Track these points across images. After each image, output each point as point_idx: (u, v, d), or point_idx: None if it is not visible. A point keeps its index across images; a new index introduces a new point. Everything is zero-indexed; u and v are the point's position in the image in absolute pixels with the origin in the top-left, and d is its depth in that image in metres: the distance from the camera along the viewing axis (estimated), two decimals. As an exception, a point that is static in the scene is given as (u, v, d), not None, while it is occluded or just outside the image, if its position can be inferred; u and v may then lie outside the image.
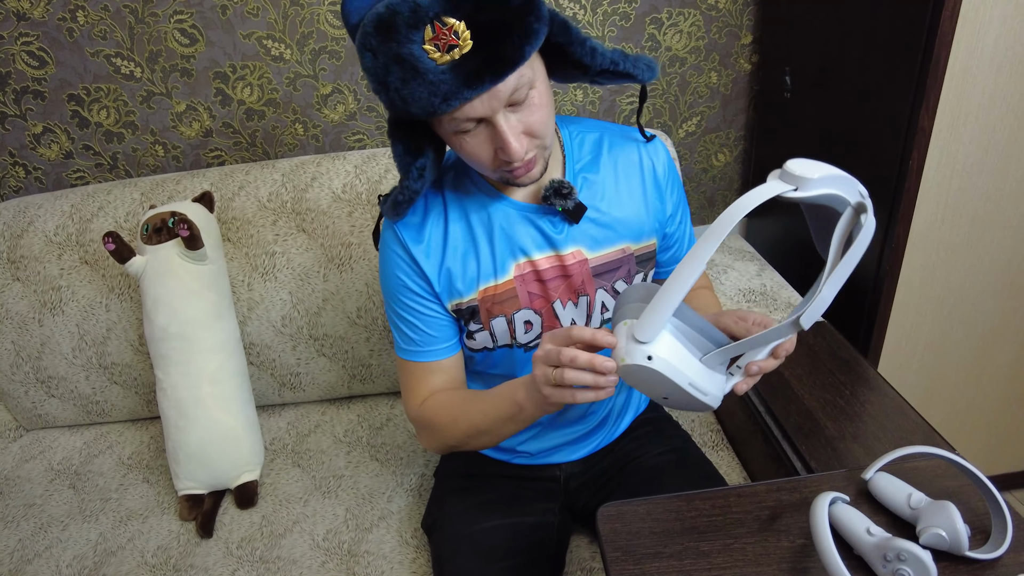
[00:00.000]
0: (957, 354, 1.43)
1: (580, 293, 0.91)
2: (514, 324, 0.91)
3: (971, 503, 0.78)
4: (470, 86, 0.67)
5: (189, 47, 1.49)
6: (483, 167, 0.78)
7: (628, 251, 0.92)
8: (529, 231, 0.88)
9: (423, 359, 0.92)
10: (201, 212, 1.28)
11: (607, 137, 0.93)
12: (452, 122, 0.71)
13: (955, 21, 1.04)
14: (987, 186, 1.22)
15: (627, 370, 0.65)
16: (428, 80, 0.66)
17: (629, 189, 0.91)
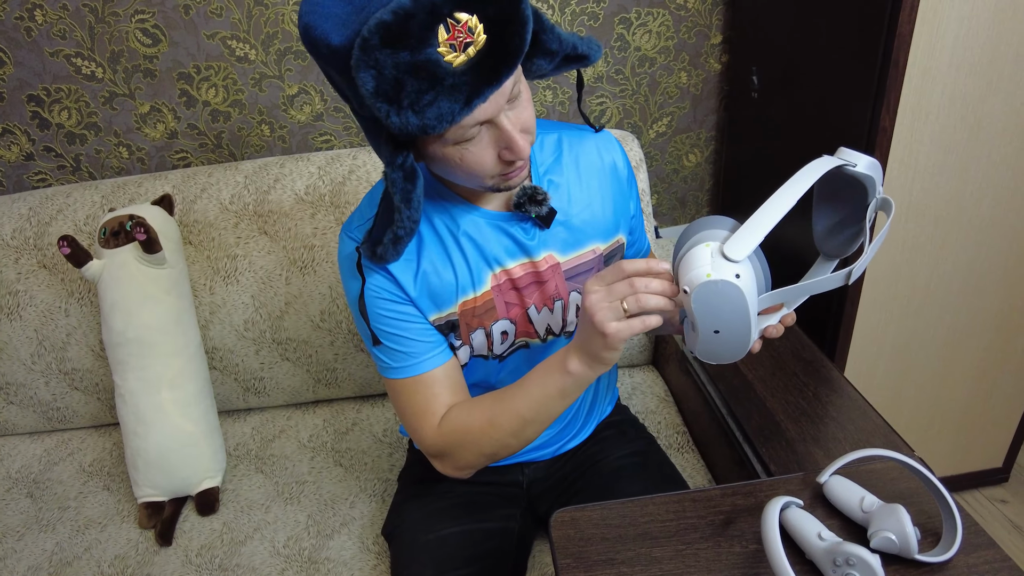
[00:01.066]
0: (924, 354, 1.43)
1: (555, 298, 0.90)
2: (492, 336, 0.89)
3: (924, 505, 0.78)
4: (489, 83, 0.64)
5: (152, 47, 1.46)
6: (482, 175, 0.74)
7: (598, 251, 0.91)
8: (502, 240, 0.86)
9: (421, 370, 0.85)
10: (161, 215, 1.26)
11: (564, 137, 0.92)
12: (459, 131, 0.67)
13: (913, 22, 1.05)
14: (949, 187, 1.22)
15: (706, 288, 0.64)
16: (447, 86, 0.62)
17: (592, 188, 0.91)
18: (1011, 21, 1.08)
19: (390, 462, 1.27)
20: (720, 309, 0.65)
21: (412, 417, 0.87)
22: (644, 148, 1.73)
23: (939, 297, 1.36)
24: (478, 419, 0.82)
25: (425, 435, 0.86)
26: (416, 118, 0.63)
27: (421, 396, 0.85)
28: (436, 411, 0.85)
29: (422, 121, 0.63)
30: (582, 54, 0.79)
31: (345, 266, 0.86)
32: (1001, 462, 1.66)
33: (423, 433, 0.86)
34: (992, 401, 1.54)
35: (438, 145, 0.70)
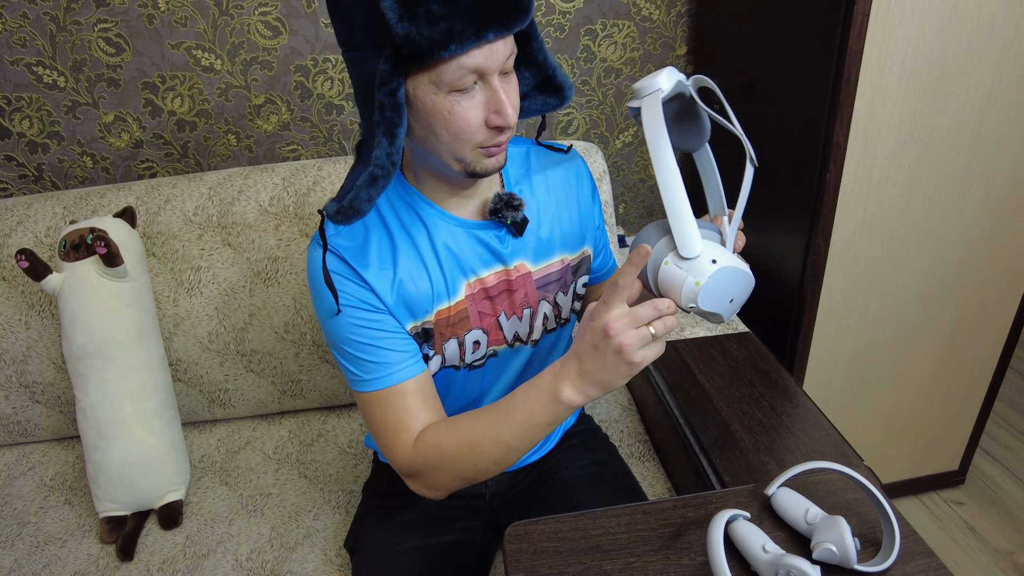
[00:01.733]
0: (881, 362, 1.46)
1: (524, 306, 0.91)
2: (464, 346, 0.89)
3: (867, 515, 0.80)
4: (500, 19, 0.66)
5: (115, 56, 1.45)
6: (467, 139, 0.73)
7: (566, 261, 0.93)
8: (476, 248, 0.86)
9: (394, 381, 0.82)
10: (123, 228, 1.25)
11: (532, 151, 0.94)
12: (457, 72, 0.67)
13: (863, 40, 1.07)
14: (902, 200, 1.25)
15: (705, 292, 0.67)
16: (463, 4, 0.64)
17: (560, 200, 0.93)
18: (956, 41, 1.11)
19: (355, 473, 1.27)
20: (725, 290, 0.69)
21: (385, 432, 0.83)
22: (611, 158, 1.74)
23: (894, 307, 1.39)
24: (457, 442, 0.79)
25: (399, 452, 0.83)
26: (427, 29, 0.64)
27: (394, 410, 0.82)
28: (411, 427, 0.82)
29: (432, 34, 0.64)
30: (559, 82, 0.82)
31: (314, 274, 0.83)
32: (957, 465, 1.71)
33: (397, 450, 0.83)
34: (947, 406, 1.57)
35: (431, 90, 0.69)
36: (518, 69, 0.82)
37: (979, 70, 1.14)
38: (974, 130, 1.20)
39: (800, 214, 1.27)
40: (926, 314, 1.41)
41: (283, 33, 1.47)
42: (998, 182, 1.27)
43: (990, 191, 1.28)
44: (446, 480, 0.82)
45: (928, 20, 1.08)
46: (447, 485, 0.83)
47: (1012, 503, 1.70)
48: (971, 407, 1.59)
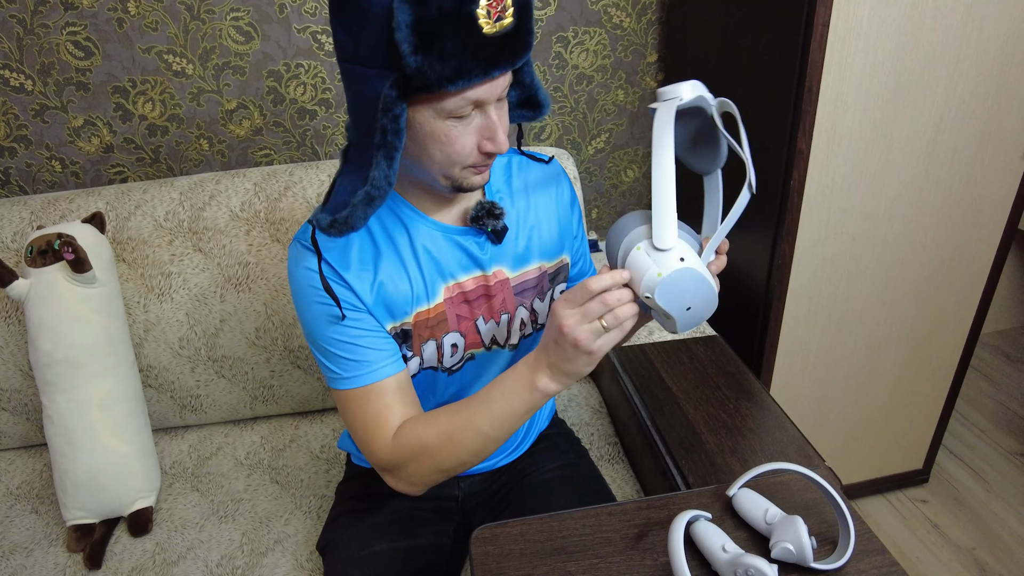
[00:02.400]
0: (846, 364, 1.50)
1: (502, 311, 0.92)
2: (443, 348, 0.91)
3: (825, 515, 0.82)
4: (507, 58, 0.69)
5: (84, 60, 1.44)
6: (459, 161, 0.76)
7: (543, 269, 0.95)
8: (456, 253, 0.88)
9: (373, 379, 0.83)
10: (91, 233, 1.24)
11: (513, 160, 0.96)
12: (460, 102, 0.70)
13: (823, 50, 1.10)
14: (864, 205, 1.29)
15: (664, 284, 0.68)
16: (474, 44, 0.66)
17: (539, 208, 0.94)
18: (912, 54, 1.15)
19: (327, 478, 1.28)
20: (684, 292, 0.69)
21: (363, 429, 0.85)
22: (584, 164, 1.76)
23: (858, 310, 1.42)
24: (436, 434, 0.81)
25: (377, 448, 0.84)
26: (439, 65, 0.66)
27: (373, 407, 0.84)
28: (390, 423, 0.84)
29: (443, 70, 0.66)
30: (540, 100, 0.85)
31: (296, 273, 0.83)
32: (921, 464, 1.75)
33: (375, 446, 0.84)
34: (911, 406, 1.61)
35: (431, 116, 0.72)
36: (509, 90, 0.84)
37: (935, 81, 1.18)
38: (931, 138, 1.24)
39: (766, 219, 1.30)
40: (889, 316, 1.45)
41: (255, 38, 1.47)
42: (954, 188, 1.31)
43: (947, 196, 1.32)
44: (425, 473, 0.84)
45: (885, 33, 1.12)
46: (426, 479, 0.85)
47: (974, 500, 1.75)
48: (934, 407, 1.63)
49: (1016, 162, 1.31)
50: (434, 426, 0.82)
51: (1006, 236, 1.40)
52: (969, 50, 1.17)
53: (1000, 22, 1.16)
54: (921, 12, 1.11)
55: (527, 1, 0.69)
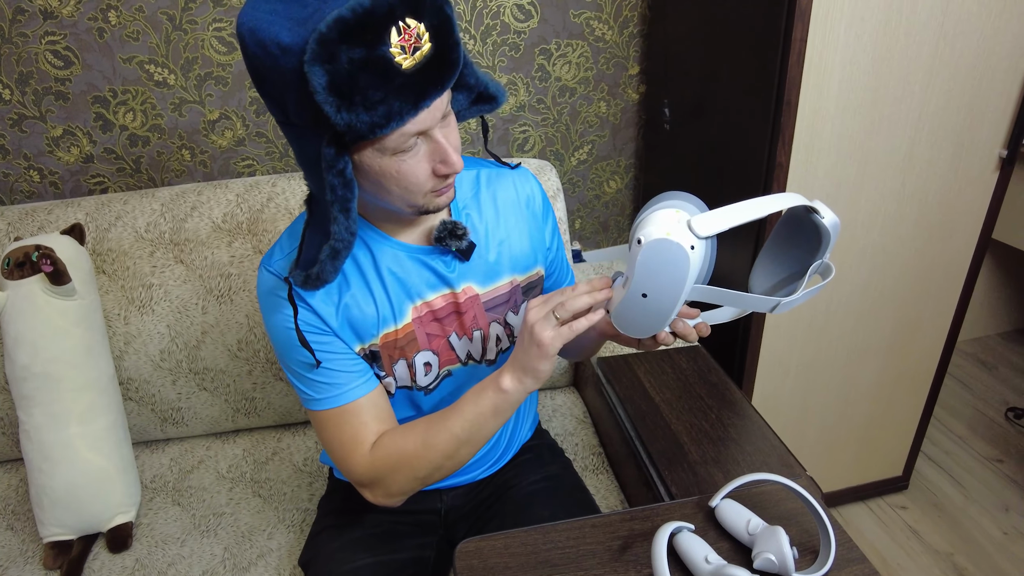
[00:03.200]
0: (826, 373, 1.52)
1: (474, 328, 0.92)
2: (415, 367, 0.91)
3: (807, 524, 0.83)
4: (434, 86, 0.67)
5: (64, 70, 1.43)
6: (417, 191, 0.75)
7: (515, 283, 0.94)
8: (422, 273, 0.88)
9: (347, 400, 0.85)
10: (70, 245, 1.23)
11: (482, 174, 0.95)
12: (400, 139, 0.69)
13: (801, 66, 1.12)
14: (843, 217, 1.31)
15: (659, 245, 0.67)
16: (397, 85, 0.64)
17: (509, 222, 0.94)
18: (887, 68, 1.17)
19: (310, 491, 1.27)
20: (661, 270, 0.68)
21: (340, 448, 0.86)
22: (567, 175, 1.78)
23: (838, 320, 1.44)
24: (412, 443, 0.83)
25: (355, 464, 0.85)
26: (367, 115, 0.64)
27: (349, 426, 0.85)
28: (366, 439, 0.85)
29: (372, 119, 0.64)
30: (492, 94, 0.83)
31: (268, 301, 0.84)
32: (901, 471, 1.77)
33: (353, 463, 0.85)
34: (890, 414, 1.64)
35: (376, 156, 0.71)
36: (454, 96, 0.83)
37: (909, 95, 1.21)
38: (906, 151, 1.26)
39: (746, 230, 1.32)
40: (868, 325, 1.47)
41: (238, 49, 1.47)
42: (930, 199, 1.34)
43: (923, 207, 1.34)
44: (404, 483, 0.85)
45: (861, 48, 1.14)
46: (404, 488, 0.86)
47: (952, 506, 1.77)
48: (913, 414, 1.66)
49: (988, 174, 1.34)
50: (411, 435, 0.84)
51: (980, 246, 1.43)
52: (941, 66, 1.20)
53: (971, 38, 1.19)
54: (895, 29, 1.14)
55: (444, 19, 0.67)
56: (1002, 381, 2.22)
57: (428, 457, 0.82)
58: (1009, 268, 2.29)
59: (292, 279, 0.77)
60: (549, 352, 0.74)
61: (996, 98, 1.26)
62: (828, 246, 0.72)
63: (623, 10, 1.61)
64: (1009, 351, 2.36)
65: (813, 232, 0.73)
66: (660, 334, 0.77)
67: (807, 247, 0.74)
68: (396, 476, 0.84)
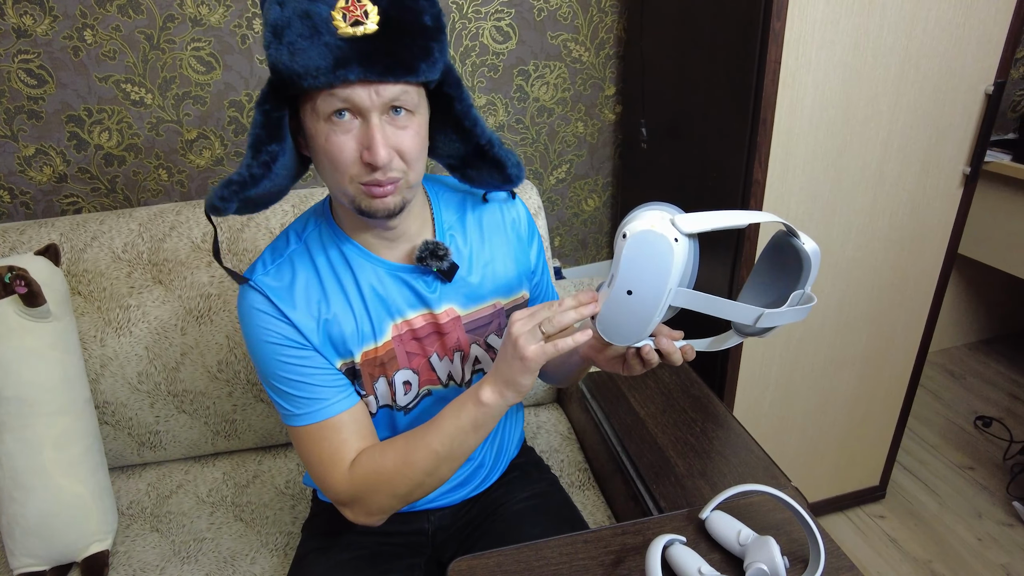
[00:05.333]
0: (805, 385, 1.54)
1: (455, 349, 0.92)
2: (394, 386, 0.90)
3: (795, 534, 0.84)
4: (362, 64, 0.69)
5: (37, 88, 1.41)
6: (343, 171, 0.74)
7: (499, 306, 0.95)
8: (403, 292, 0.88)
9: (325, 416, 0.84)
10: (45, 266, 1.20)
11: (469, 198, 0.96)
12: (330, 99, 0.70)
13: (776, 85, 1.15)
14: (818, 232, 1.34)
15: (644, 236, 0.68)
16: (324, 42, 0.68)
17: (494, 246, 0.94)
18: (857, 89, 1.21)
19: (293, 514, 1.25)
20: (646, 263, 0.69)
21: (319, 465, 0.85)
22: (546, 193, 1.80)
23: (815, 333, 1.47)
24: (391, 459, 0.82)
25: (335, 482, 0.84)
26: (288, 58, 0.68)
27: (328, 443, 0.84)
28: (345, 456, 0.84)
29: (292, 64, 0.69)
30: (495, 157, 0.85)
31: (249, 316, 0.84)
32: (878, 480, 1.80)
33: (332, 480, 0.84)
34: (867, 425, 1.67)
35: (313, 118, 0.73)
36: (448, 133, 0.85)
37: (878, 115, 1.25)
38: (877, 168, 1.30)
39: (724, 246, 1.34)
40: (844, 338, 1.50)
41: (217, 68, 1.47)
42: (900, 215, 1.38)
43: (893, 223, 1.38)
44: (383, 501, 0.84)
45: (832, 69, 1.18)
46: (384, 506, 0.85)
47: (928, 514, 1.81)
48: (888, 424, 1.69)
49: (954, 189, 1.39)
50: (391, 452, 0.83)
51: (948, 259, 1.48)
52: (907, 86, 1.24)
53: (934, 60, 1.24)
54: (863, 52, 1.18)
55: (404, 12, 0.69)
56: (970, 391, 2.28)
57: (408, 474, 0.82)
58: (974, 282, 2.37)
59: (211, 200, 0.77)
60: (532, 366, 0.74)
61: (959, 117, 1.31)
62: (809, 273, 0.74)
63: (599, 32, 1.64)
64: (976, 362, 2.43)
65: (795, 261, 0.75)
66: (644, 349, 0.77)
67: (789, 277, 0.76)
68: (376, 494, 0.84)
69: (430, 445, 0.81)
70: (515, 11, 1.56)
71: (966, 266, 2.29)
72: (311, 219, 0.90)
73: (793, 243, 0.74)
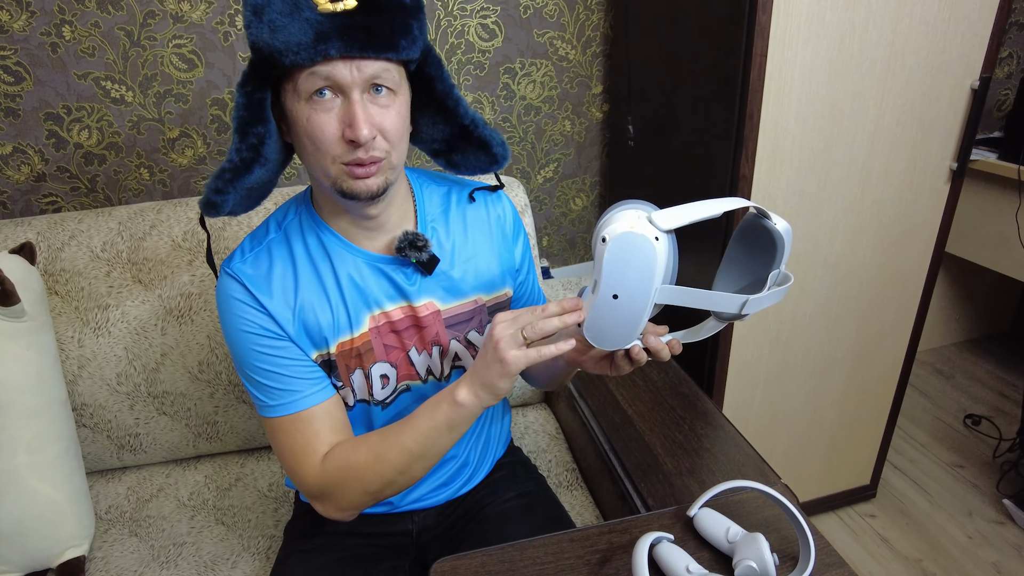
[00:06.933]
0: (794, 383, 1.53)
1: (434, 343, 0.91)
2: (371, 378, 0.89)
3: (785, 531, 0.83)
4: (343, 38, 0.69)
5: (14, 85, 1.39)
6: (325, 150, 0.74)
7: (480, 302, 0.93)
8: (381, 283, 0.87)
9: (300, 407, 0.84)
10: (20, 264, 1.18)
11: (454, 191, 0.95)
12: (311, 78, 0.70)
13: (762, 80, 1.15)
14: (806, 228, 1.33)
15: (624, 238, 0.66)
16: (305, 17, 0.68)
17: (477, 241, 0.93)
18: (842, 84, 1.21)
19: (275, 517, 1.22)
20: (629, 265, 0.67)
21: (292, 457, 0.85)
22: (533, 193, 1.78)
23: (804, 329, 1.47)
24: (364, 455, 0.82)
25: (306, 474, 0.84)
26: (269, 35, 0.68)
27: (301, 435, 0.84)
28: (318, 449, 0.84)
29: (273, 41, 0.68)
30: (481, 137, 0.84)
31: (226, 305, 0.83)
32: (868, 479, 1.79)
33: (304, 472, 0.84)
34: (857, 424, 1.66)
35: (294, 98, 0.73)
36: (432, 116, 0.85)
37: (864, 109, 1.24)
38: (864, 163, 1.30)
39: (712, 242, 1.33)
40: (833, 335, 1.50)
41: (199, 66, 1.45)
42: (887, 210, 1.37)
43: (881, 218, 1.38)
44: (354, 497, 0.84)
45: (817, 64, 1.17)
46: (355, 502, 0.85)
47: (918, 513, 1.80)
48: (878, 422, 1.68)
49: (941, 185, 1.39)
50: (363, 447, 0.83)
51: (935, 256, 1.47)
52: (894, 81, 1.24)
53: (920, 55, 1.23)
54: (849, 46, 1.18)
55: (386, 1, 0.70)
56: (959, 389, 2.28)
57: (379, 471, 0.81)
58: (962, 281, 2.37)
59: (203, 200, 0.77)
60: (511, 371, 0.73)
61: (945, 112, 1.31)
62: (783, 253, 0.73)
63: (586, 30, 1.63)
64: (964, 360, 2.44)
65: (768, 242, 0.74)
66: (633, 349, 0.75)
67: (763, 258, 0.75)
68: (346, 489, 0.83)
69: (404, 443, 0.80)
70: (501, 8, 1.55)
71: (954, 265, 2.29)
72: (292, 207, 0.89)
73: (765, 224, 0.73)
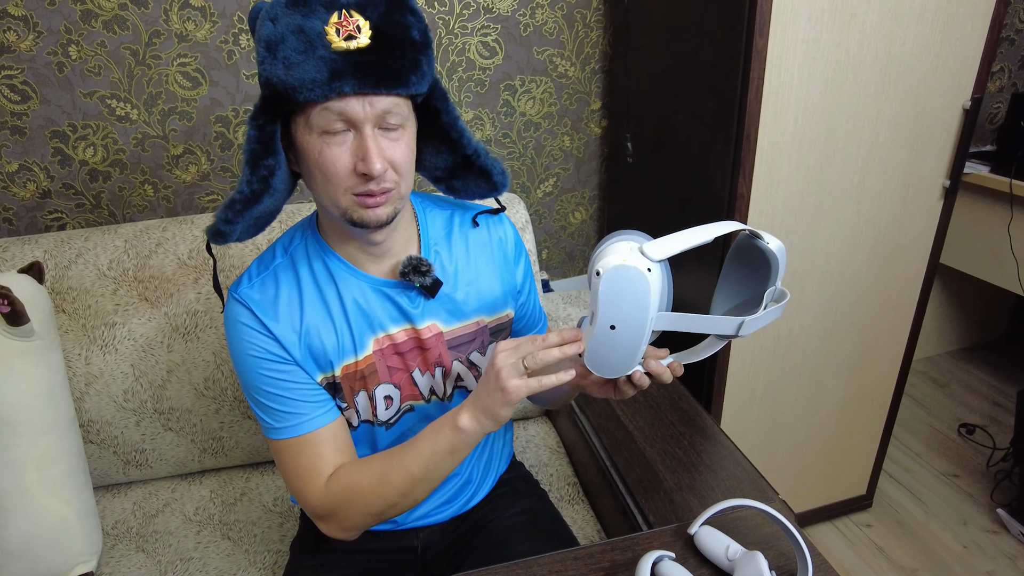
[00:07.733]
0: (791, 397, 1.55)
1: (437, 364, 0.92)
2: (375, 400, 0.90)
3: (783, 548, 0.84)
4: (356, 76, 0.70)
5: (20, 104, 1.40)
6: (337, 182, 0.75)
7: (482, 323, 0.95)
8: (386, 306, 0.88)
9: (306, 430, 0.85)
10: (29, 284, 1.19)
11: (456, 214, 0.96)
12: (324, 113, 0.72)
13: (760, 101, 1.17)
14: (803, 245, 1.36)
15: (617, 272, 0.67)
16: (319, 55, 0.69)
17: (480, 264, 0.95)
18: (838, 105, 1.24)
19: (281, 532, 1.24)
20: (624, 297, 0.68)
21: (297, 478, 0.86)
22: (533, 207, 1.80)
23: (800, 344, 1.49)
24: (367, 477, 0.83)
25: (311, 496, 0.86)
26: (283, 71, 0.70)
27: (306, 457, 0.86)
28: (322, 471, 0.85)
29: (287, 78, 0.70)
30: (482, 166, 0.87)
31: (234, 329, 0.85)
32: (865, 489, 1.82)
33: (309, 494, 0.86)
34: (853, 435, 1.68)
35: (305, 132, 0.74)
36: (436, 145, 0.87)
37: (859, 129, 1.27)
38: (859, 182, 1.32)
39: (710, 260, 1.36)
40: (828, 349, 1.52)
41: (203, 84, 1.46)
42: (882, 227, 1.40)
43: (876, 235, 1.40)
44: (357, 518, 0.85)
45: (813, 86, 1.20)
46: (359, 523, 0.86)
47: (914, 522, 1.82)
48: (874, 433, 1.71)
49: (934, 202, 1.41)
50: (367, 469, 0.84)
51: (930, 269, 1.50)
52: (888, 103, 1.26)
53: (913, 77, 1.26)
54: (844, 68, 1.20)
55: (395, 28, 0.72)
56: (953, 398, 2.31)
57: (382, 494, 0.83)
58: (955, 291, 2.40)
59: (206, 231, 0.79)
60: (512, 399, 0.75)
61: (938, 132, 1.34)
62: (778, 271, 0.74)
63: (585, 47, 1.66)
64: (959, 369, 2.46)
65: (762, 261, 0.75)
66: (635, 374, 0.77)
67: (758, 277, 0.77)
68: (350, 511, 0.85)
69: (407, 467, 0.82)
70: (501, 27, 1.57)
71: (948, 276, 2.32)
72: (298, 232, 0.91)
73: (758, 244, 0.75)
